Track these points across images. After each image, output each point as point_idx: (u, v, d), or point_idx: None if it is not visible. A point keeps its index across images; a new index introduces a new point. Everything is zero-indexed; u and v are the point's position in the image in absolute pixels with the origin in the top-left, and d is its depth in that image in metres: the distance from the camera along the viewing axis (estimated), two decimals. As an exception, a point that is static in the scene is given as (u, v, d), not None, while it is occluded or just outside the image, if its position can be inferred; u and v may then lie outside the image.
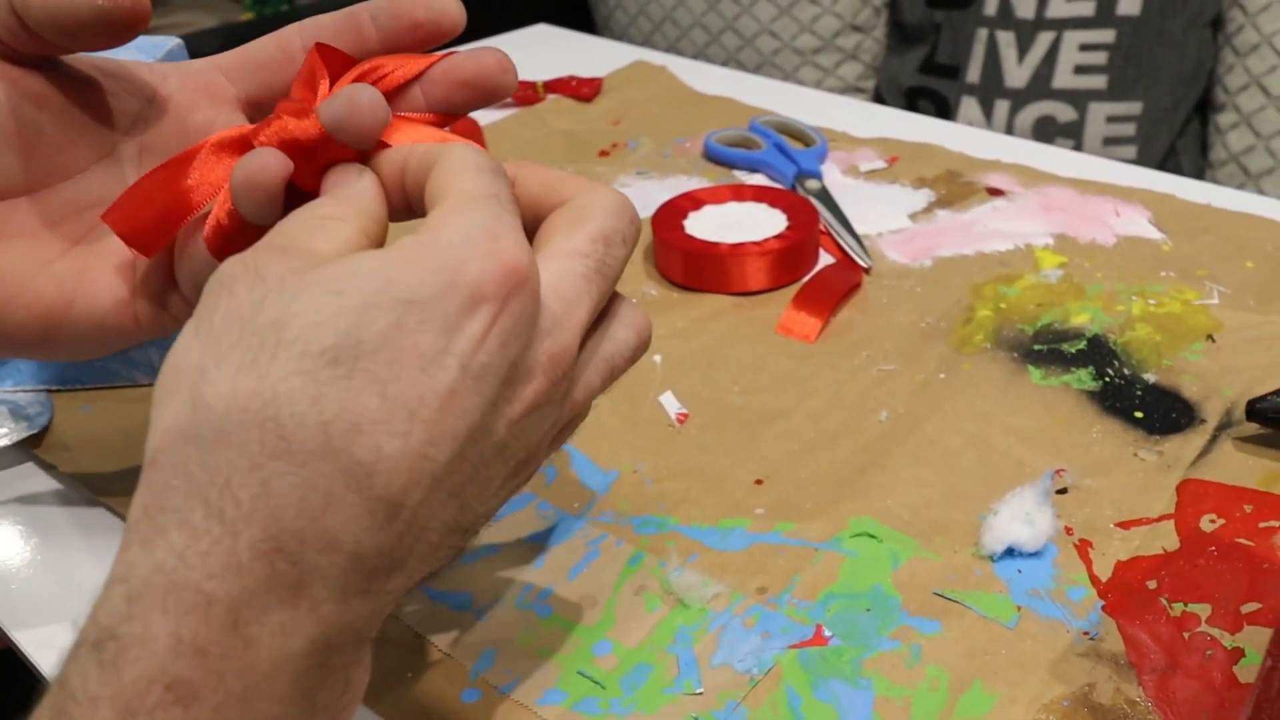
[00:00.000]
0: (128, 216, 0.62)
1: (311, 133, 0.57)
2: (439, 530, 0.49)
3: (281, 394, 0.44)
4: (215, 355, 0.46)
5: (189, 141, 0.65)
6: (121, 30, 0.58)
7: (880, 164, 1.39)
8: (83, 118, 0.64)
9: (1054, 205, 1.25)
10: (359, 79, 0.62)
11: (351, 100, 0.56)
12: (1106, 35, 2.05)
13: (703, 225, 1.16)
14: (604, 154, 1.46)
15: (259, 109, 0.68)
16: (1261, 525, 0.79)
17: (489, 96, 0.67)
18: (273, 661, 0.44)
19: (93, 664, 0.43)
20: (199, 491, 0.44)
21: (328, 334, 0.45)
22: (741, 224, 1.16)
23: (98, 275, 0.64)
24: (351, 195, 0.55)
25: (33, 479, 0.88)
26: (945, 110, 2.22)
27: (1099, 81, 2.08)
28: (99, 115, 0.65)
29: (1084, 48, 2.07)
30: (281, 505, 0.43)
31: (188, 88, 0.67)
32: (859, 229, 1.22)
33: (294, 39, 0.66)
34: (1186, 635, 0.71)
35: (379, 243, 0.54)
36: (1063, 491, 0.83)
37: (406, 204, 0.58)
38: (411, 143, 0.60)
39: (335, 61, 0.63)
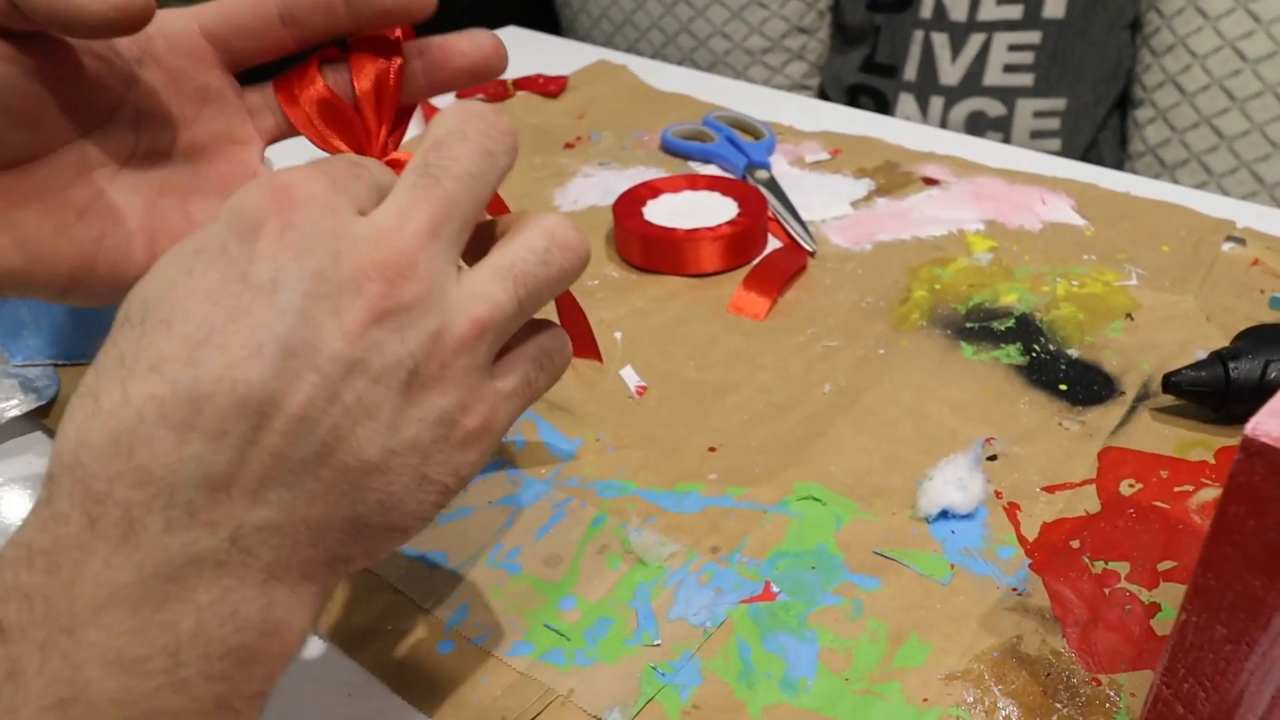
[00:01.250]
0: None
1: None
2: (315, 457, 0.47)
3: (97, 369, 0.45)
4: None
5: (185, 104, 0.65)
6: (126, 28, 0.57)
7: (824, 156, 1.39)
8: (81, 85, 0.62)
9: (985, 194, 1.26)
10: (375, 97, 0.65)
11: None
12: (1033, 37, 2.06)
13: (660, 212, 1.16)
14: (569, 146, 1.46)
15: (235, 69, 0.67)
16: (1176, 489, 0.79)
17: (486, 77, 0.69)
18: (99, 595, 0.43)
19: None
20: (56, 458, 0.45)
21: (128, 304, 0.47)
22: (696, 211, 1.16)
23: (116, 240, 0.64)
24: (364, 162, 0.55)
25: (41, 446, 0.88)
26: (884, 106, 2.22)
27: (1026, 80, 2.09)
28: (96, 81, 0.63)
29: (1012, 48, 2.08)
30: (94, 455, 0.44)
31: (176, 51, 0.65)
32: (804, 216, 1.22)
33: (270, 4, 0.64)
34: (1107, 591, 0.71)
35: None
36: (993, 458, 0.83)
37: None
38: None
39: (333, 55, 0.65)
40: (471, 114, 0.54)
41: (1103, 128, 2.14)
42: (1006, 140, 2.12)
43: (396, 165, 0.63)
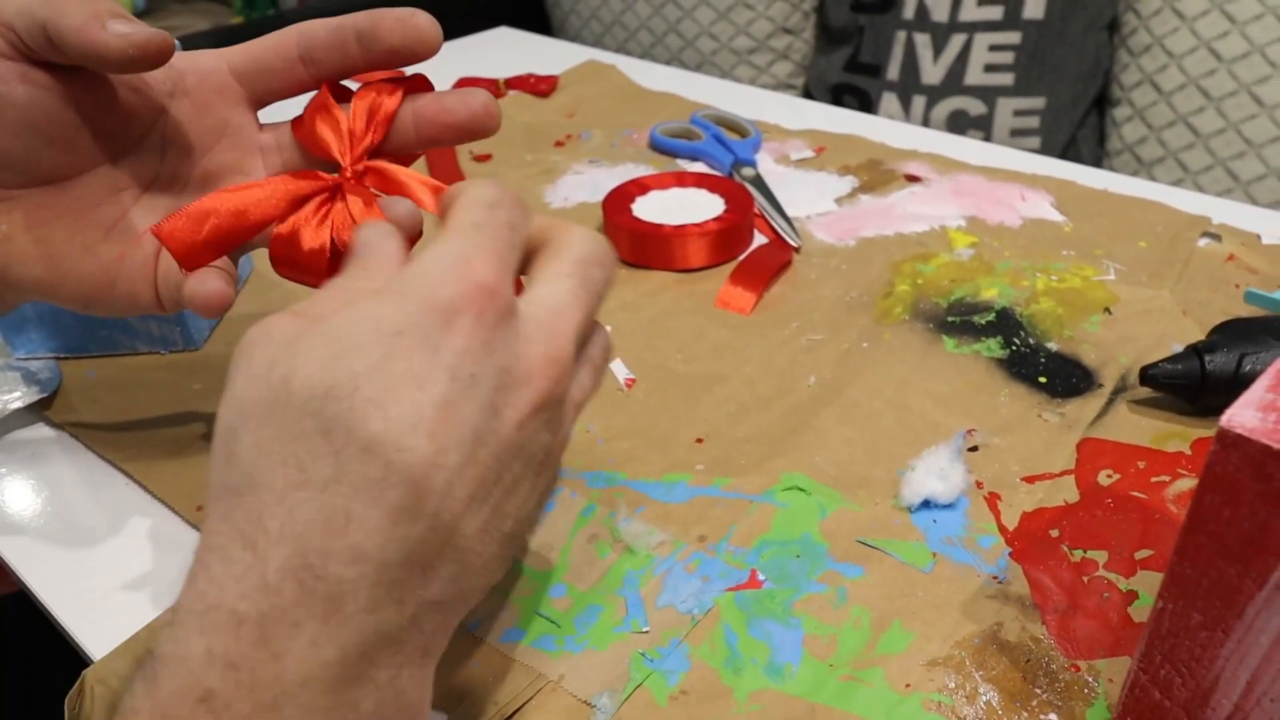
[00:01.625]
0: (177, 234, 0.65)
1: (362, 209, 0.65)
2: (474, 535, 0.49)
3: (296, 435, 0.45)
4: (240, 416, 0.47)
5: (207, 135, 0.69)
6: (148, 65, 0.61)
7: (809, 153, 1.39)
8: (114, 113, 0.65)
9: (966, 191, 1.26)
10: (367, 114, 0.68)
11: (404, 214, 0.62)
12: (1013, 37, 2.06)
13: (649, 208, 1.16)
14: (559, 144, 1.46)
15: (260, 106, 0.71)
16: (1153, 480, 0.79)
17: (475, 136, 0.70)
18: (303, 672, 0.44)
19: (139, 681, 0.44)
20: (235, 530, 0.45)
21: (328, 375, 0.46)
22: (684, 207, 1.16)
23: (135, 260, 0.68)
24: (382, 262, 0.56)
25: (44, 436, 0.88)
26: (868, 105, 2.22)
27: (1006, 79, 2.09)
28: (128, 110, 0.66)
29: (993, 48, 2.08)
30: (307, 528, 0.44)
31: (205, 87, 0.69)
32: (790, 212, 1.22)
33: (291, 46, 0.68)
34: (1085, 579, 0.71)
35: None
36: (974, 449, 0.83)
37: None
38: (390, 181, 0.65)
39: (340, 92, 0.69)
40: (605, 247, 0.58)
41: (1081, 126, 2.14)
42: (987, 138, 2.12)
43: (372, 171, 0.67)
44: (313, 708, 0.44)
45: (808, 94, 2.40)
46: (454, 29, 1.98)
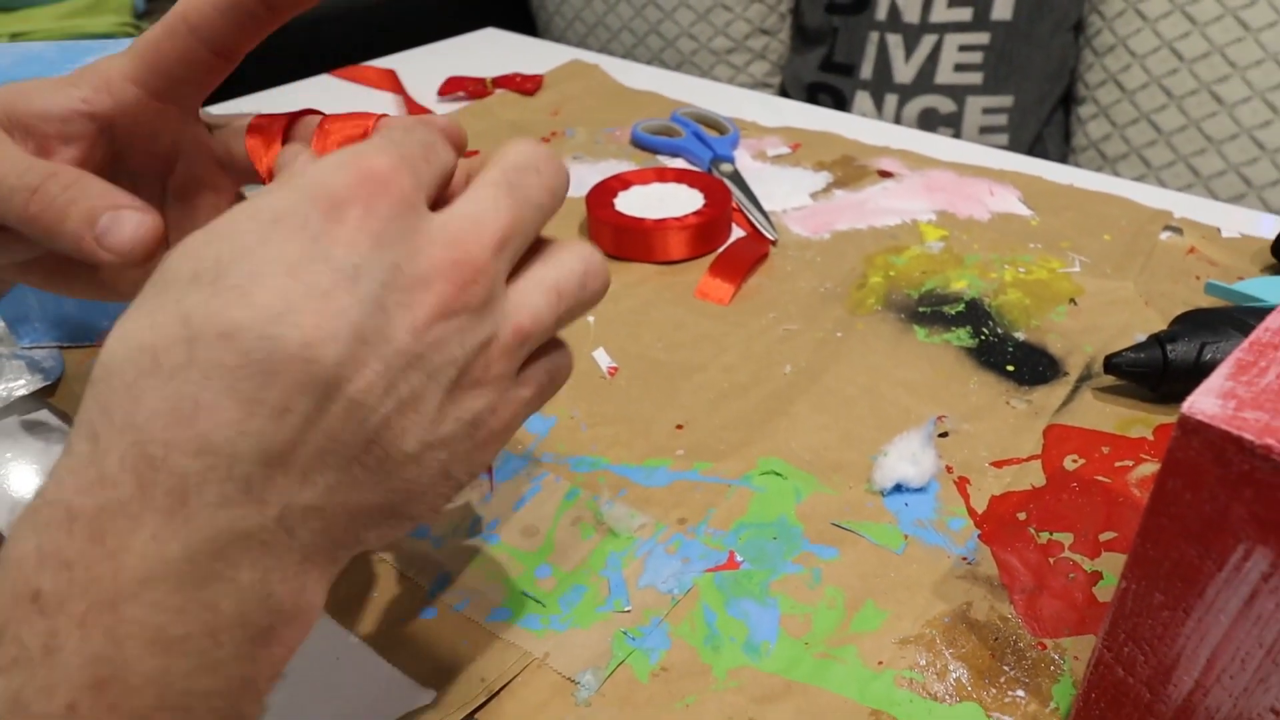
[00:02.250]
0: None
1: None
2: (357, 444, 0.45)
3: (157, 323, 0.42)
4: (126, 314, 0.44)
5: (159, 162, 0.64)
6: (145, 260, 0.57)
7: (785, 150, 1.39)
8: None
9: (936, 186, 1.26)
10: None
11: None
12: (982, 38, 2.06)
13: (630, 203, 1.16)
14: (545, 140, 1.45)
15: (188, 106, 0.63)
16: (1117, 464, 0.79)
17: None
18: (144, 569, 0.40)
19: None
20: (84, 424, 0.42)
21: (193, 261, 0.43)
22: (664, 202, 1.17)
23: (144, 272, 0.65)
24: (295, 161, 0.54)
25: (48, 424, 0.89)
26: (842, 103, 2.22)
27: (975, 78, 2.09)
28: (103, 170, 0.62)
29: (962, 48, 2.08)
30: (150, 417, 0.41)
31: (135, 124, 0.62)
32: (766, 206, 1.22)
33: (181, 31, 0.59)
34: (1052, 560, 0.71)
35: None
36: (944, 435, 0.83)
37: None
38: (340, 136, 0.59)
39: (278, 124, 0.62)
40: (545, 154, 0.54)
41: (1048, 123, 2.14)
42: (957, 135, 2.12)
43: None
44: (160, 607, 0.41)
45: (784, 92, 2.40)
46: (443, 30, 1.99)
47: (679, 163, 1.38)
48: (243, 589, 0.43)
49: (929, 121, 2.14)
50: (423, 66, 1.79)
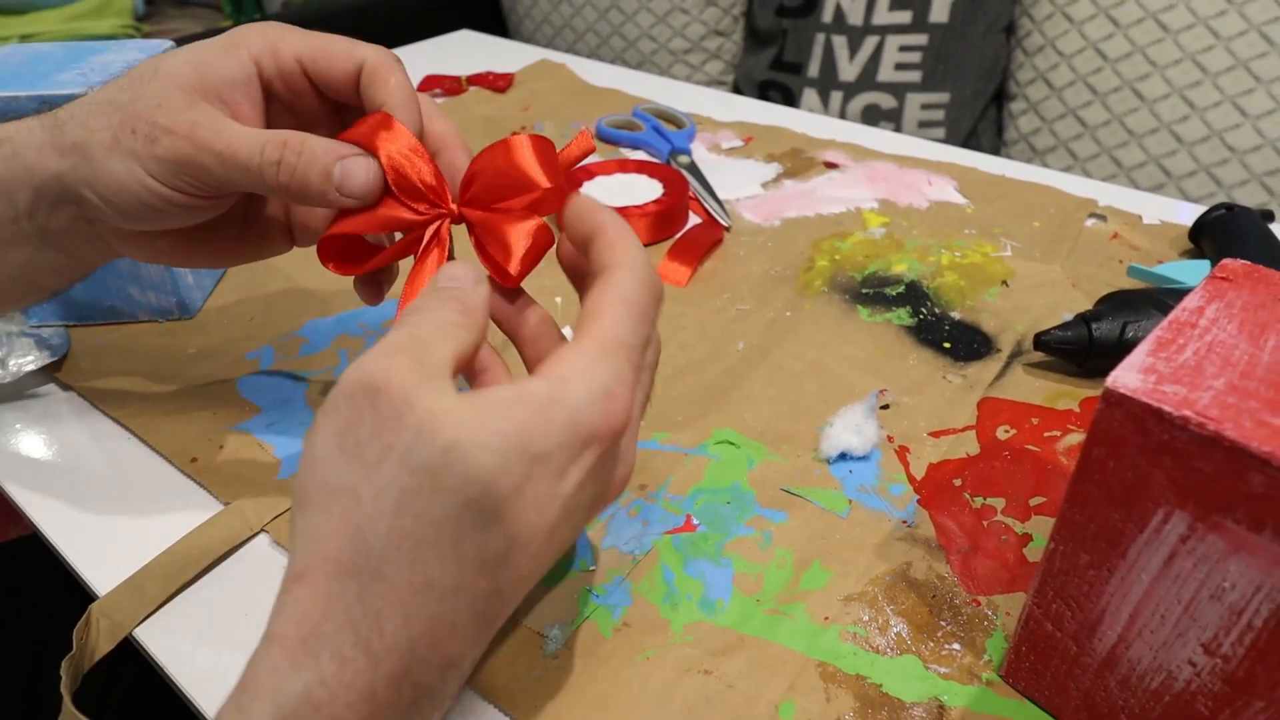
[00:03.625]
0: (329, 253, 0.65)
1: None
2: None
3: (431, 539, 0.43)
4: (370, 484, 0.44)
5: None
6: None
7: (738, 143, 1.39)
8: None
9: (878, 176, 1.26)
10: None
11: None
12: (921, 39, 2.06)
13: (595, 192, 1.16)
14: (515, 134, 1.44)
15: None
16: (1046, 434, 0.80)
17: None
18: None
19: None
20: (352, 623, 0.43)
21: (474, 487, 0.43)
22: (626, 191, 1.16)
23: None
24: (475, 306, 0.53)
25: (54, 396, 0.88)
26: (791, 99, 2.21)
27: (915, 76, 2.09)
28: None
29: (903, 49, 2.08)
30: (417, 637, 0.43)
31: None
32: (721, 195, 1.22)
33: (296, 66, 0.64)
34: (985, 523, 0.71)
35: (482, 344, 0.54)
36: (885, 407, 0.83)
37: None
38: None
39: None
40: (652, 320, 0.56)
41: (982, 118, 2.14)
42: (897, 129, 2.12)
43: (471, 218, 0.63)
44: None
45: (737, 90, 2.40)
46: (420, 32, 1.98)
47: (640, 155, 1.38)
48: None
49: (871, 117, 2.14)
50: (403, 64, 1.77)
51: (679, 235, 1.12)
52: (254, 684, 0.43)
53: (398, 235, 0.66)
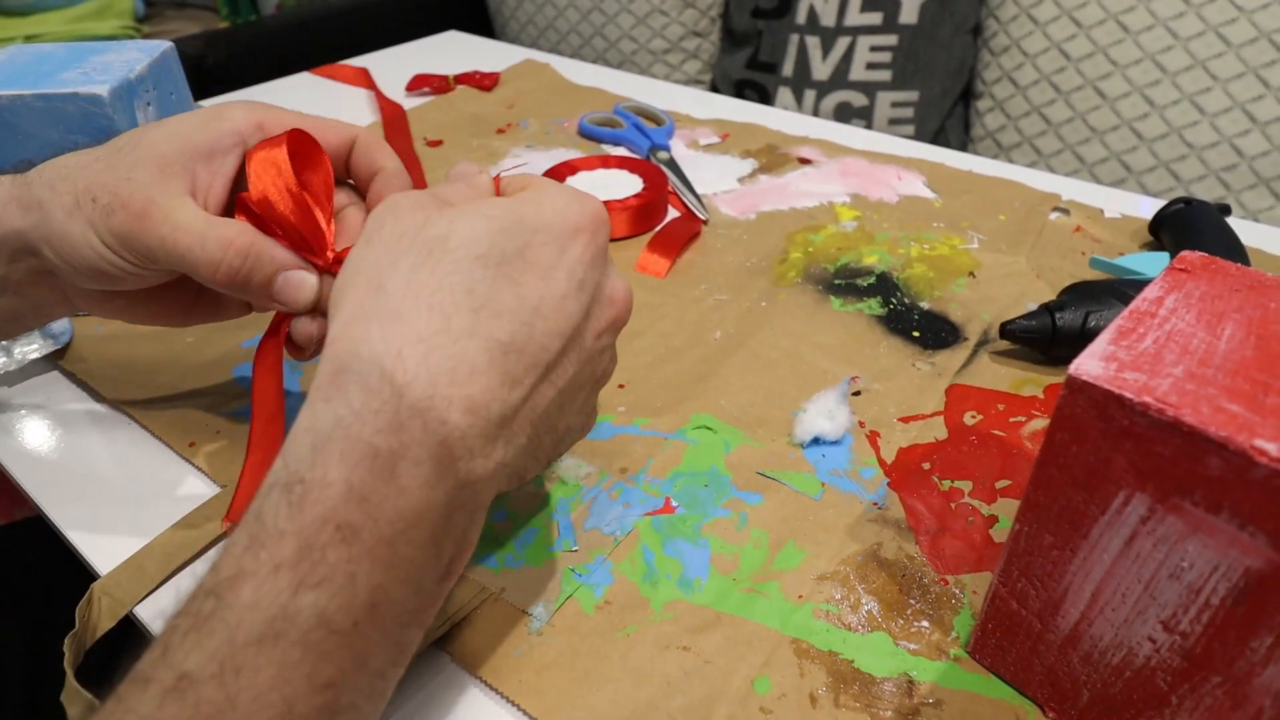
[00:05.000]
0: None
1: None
2: (543, 418, 0.51)
3: (445, 285, 0.47)
4: (390, 257, 0.49)
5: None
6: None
7: (715, 139, 1.39)
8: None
9: (850, 171, 1.26)
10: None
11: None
12: (891, 39, 2.06)
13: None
14: (501, 131, 1.45)
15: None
16: (1011, 420, 0.80)
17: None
18: (418, 510, 0.45)
19: (283, 503, 0.43)
20: (376, 358, 0.46)
21: (480, 244, 0.49)
22: (608, 186, 1.16)
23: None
24: (478, 186, 0.58)
25: (58, 384, 0.88)
26: (766, 97, 2.21)
27: (885, 75, 2.09)
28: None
29: (874, 49, 2.08)
30: (438, 372, 0.46)
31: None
32: (699, 190, 1.22)
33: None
34: (953, 505, 0.71)
35: None
36: (857, 394, 0.83)
37: None
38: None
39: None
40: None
41: (949, 116, 2.15)
42: (869, 126, 2.13)
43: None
44: (418, 545, 0.45)
45: (714, 88, 2.40)
46: (409, 32, 1.98)
47: (621, 151, 1.37)
48: (456, 531, 0.48)
49: (844, 114, 2.14)
50: (392, 65, 1.78)
51: (658, 228, 1.12)
52: (298, 425, 0.46)
53: None
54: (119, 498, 0.75)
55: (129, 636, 0.64)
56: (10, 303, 0.67)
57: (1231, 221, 1.04)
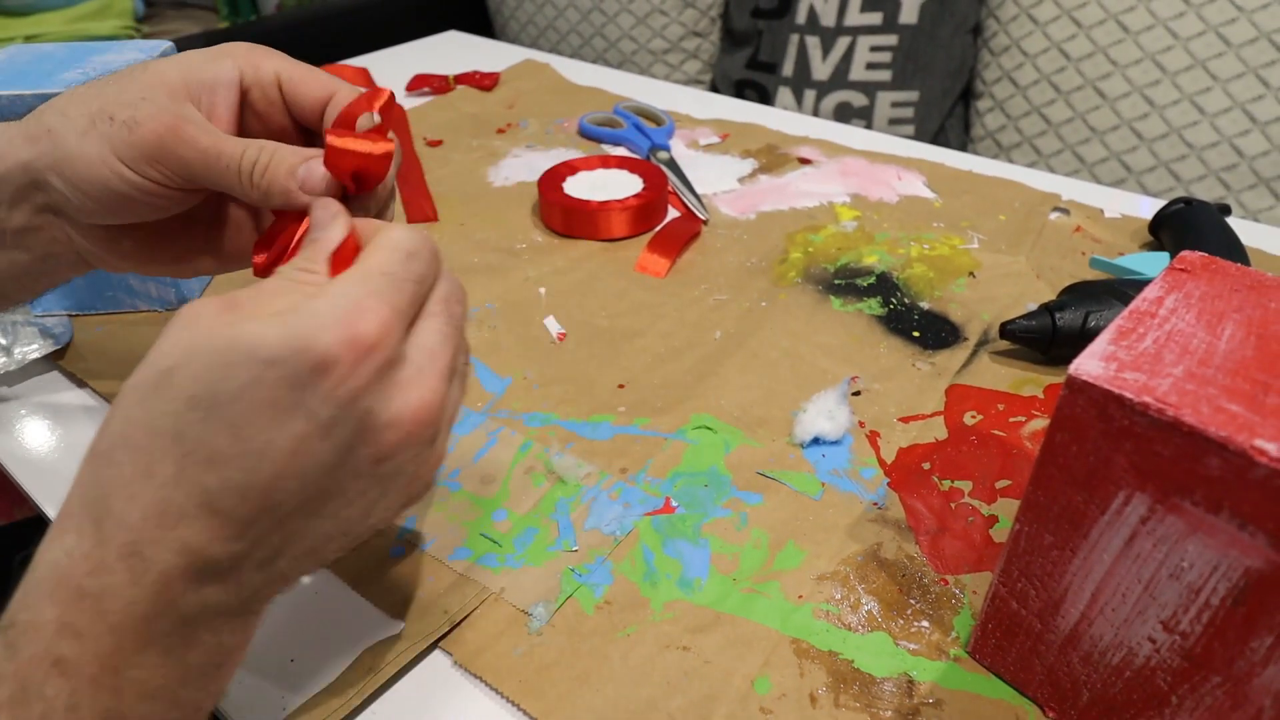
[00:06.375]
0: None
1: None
2: (314, 539, 0.48)
3: (153, 429, 0.44)
4: (132, 383, 0.45)
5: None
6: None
7: (715, 139, 1.39)
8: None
9: (850, 171, 1.26)
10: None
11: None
12: (891, 39, 2.06)
13: (578, 186, 1.16)
14: (501, 131, 1.45)
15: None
16: (1011, 420, 0.80)
17: None
18: (137, 641, 0.44)
19: (1, 644, 0.44)
20: (89, 502, 0.44)
21: (197, 384, 0.43)
22: (607, 186, 1.16)
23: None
24: (321, 247, 0.52)
25: (57, 383, 0.89)
26: (766, 98, 2.21)
27: (885, 75, 2.09)
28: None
29: (873, 49, 2.08)
30: (143, 518, 0.43)
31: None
32: (698, 189, 1.22)
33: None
34: (953, 505, 0.71)
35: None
36: (857, 394, 0.83)
37: None
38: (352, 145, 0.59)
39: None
40: (460, 284, 0.55)
41: (949, 116, 2.15)
42: (869, 126, 2.12)
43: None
44: (149, 667, 0.45)
45: (714, 88, 2.40)
46: (410, 32, 1.98)
47: (621, 151, 1.38)
48: (207, 645, 0.47)
49: (844, 114, 2.13)
50: (393, 65, 1.78)
51: (658, 228, 1.12)
52: (30, 565, 0.46)
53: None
54: (119, 497, 0.74)
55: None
56: (13, 258, 0.67)
57: (1231, 221, 1.04)
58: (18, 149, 0.61)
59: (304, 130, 0.67)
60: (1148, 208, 1.15)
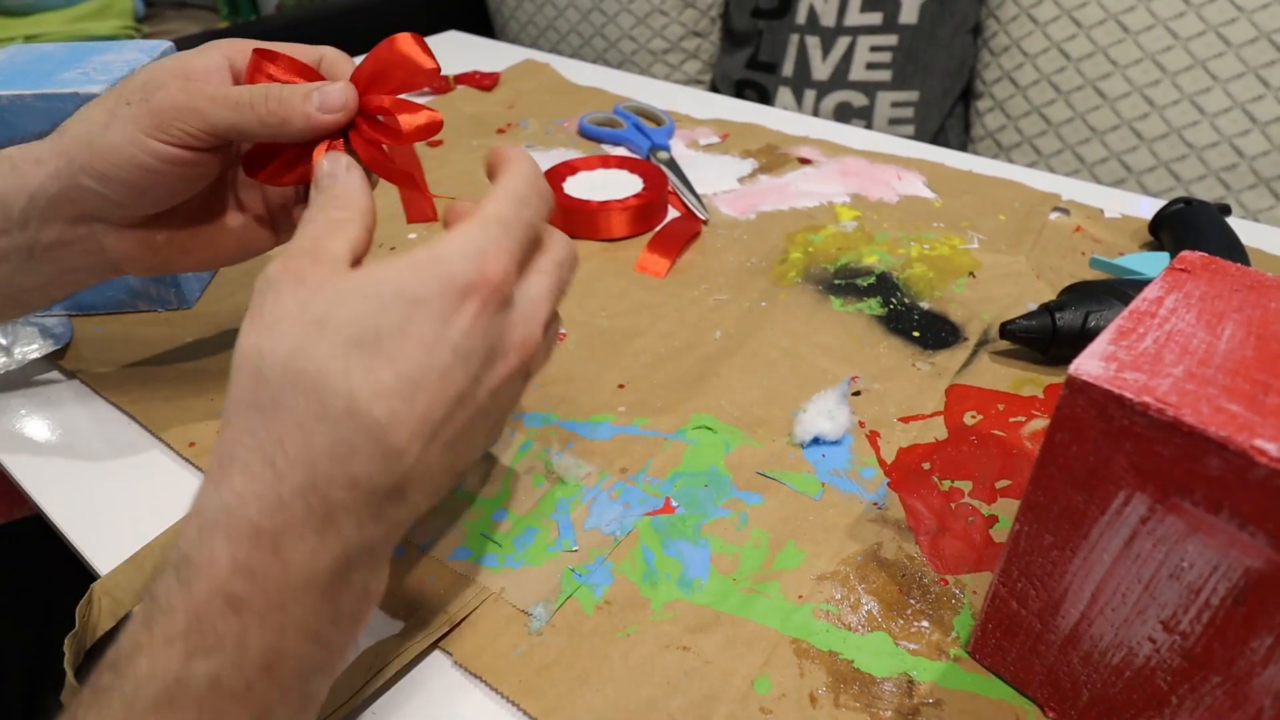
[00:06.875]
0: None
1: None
2: (438, 472, 0.51)
3: (322, 370, 0.47)
4: (270, 340, 0.48)
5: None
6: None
7: (715, 139, 1.39)
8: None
9: (850, 171, 1.26)
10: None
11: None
12: (891, 39, 2.06)
13: (578, 187, 1.16)
14: (500, 131, 1.45)
15: None
16: (1011, 420, 0.80)
17: None
18: (304, 577, 0.47)
19: (174, 582, 0.46)
20: (259, 446, 0.47)
21: (356, 326, 0.48)
22: (607, 186, 1.16)
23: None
24: (350, 194, 0.57)
25: (57, 383, 0.89)
26: (766, 98, 2.21)
27: (885, 75, 2.09)
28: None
29: (873, 49, 2.08)
30: (318, 455, 0.46)
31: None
32: (699, 190, 1.22)
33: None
34: (953, 505, 0.71)
35: (373, 228, 0.57)
36: (857, 394, 0.83)
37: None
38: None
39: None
40: (576, 252, 0.60)
41: (949, 116, 2.15)
42: (869, 126, 2.12)
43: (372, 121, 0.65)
44: (311, 606, 0.47)
45: (714, 88, 2.40)
46: (410, 32, 1.97)
47: (621, 151, 1.38)
48: (355, 588, 0.50)
49: (844, 114, 2.13)
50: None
51: (659, 228, 1.12)
52: (188, 511, 0.48)
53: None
54: (119, 497, 0.75)
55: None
56: (39, 271, 0.69)
57: (1231, 221, 1.04)
58: (46, 163, 0.64)
59: None
60: (1148, 208, 1.15)
